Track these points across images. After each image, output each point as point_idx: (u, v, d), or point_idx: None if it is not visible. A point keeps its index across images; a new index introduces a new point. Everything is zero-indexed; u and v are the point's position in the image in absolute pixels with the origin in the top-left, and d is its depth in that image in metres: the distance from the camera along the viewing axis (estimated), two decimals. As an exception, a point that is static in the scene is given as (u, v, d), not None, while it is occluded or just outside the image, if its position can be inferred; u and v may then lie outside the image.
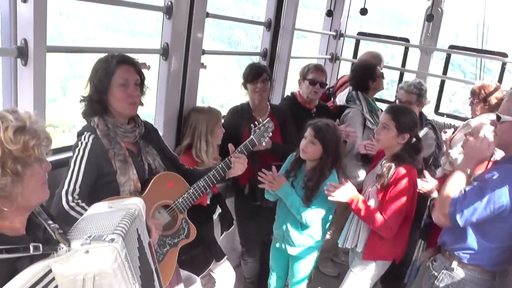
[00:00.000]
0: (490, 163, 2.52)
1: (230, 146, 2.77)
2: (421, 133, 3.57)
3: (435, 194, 3.11)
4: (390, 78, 4.32)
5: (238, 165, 2.66)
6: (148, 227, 1.77)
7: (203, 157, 3.12)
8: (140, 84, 2.42)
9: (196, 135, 3.17)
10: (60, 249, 1.38)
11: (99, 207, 1.68)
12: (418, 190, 3.03)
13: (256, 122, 2.82)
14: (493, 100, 3.84)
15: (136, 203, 1.65)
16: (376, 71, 4.24)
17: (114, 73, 2.29)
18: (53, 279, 1.28)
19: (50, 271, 1.28)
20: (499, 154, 2.58)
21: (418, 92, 3.86)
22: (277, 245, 3.32)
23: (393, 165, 2.92)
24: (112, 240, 1.36)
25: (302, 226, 3.15)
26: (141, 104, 2.46)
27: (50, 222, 1.55)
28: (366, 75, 4.16)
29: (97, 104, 2.32)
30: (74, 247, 1.38)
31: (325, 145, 3.03)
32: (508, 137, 2.35)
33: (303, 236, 3.17)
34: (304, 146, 3.07)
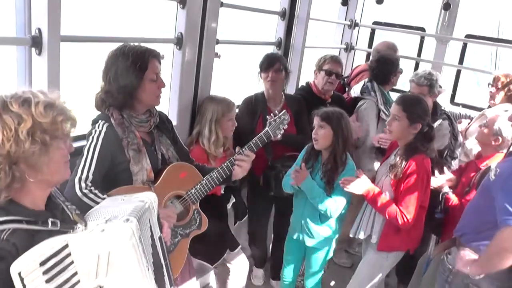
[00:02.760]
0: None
1: (237, 149, 2.68)
2: (435, 125, 3.51)
3: (446, 189, 3.11)
4: (405, 69, 4.25)
5: (238, 169, 2.58)
6: (161, 222, 1.78)
7: (205, 144, 3.11)
8: None
9: (203, 122, 3.17)
10: (77, 228, 1.44)
11: (113, 199, 1.73)
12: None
13: (272, 114, 2.75)
14: None
15: (148, 197, 1.67)
16: (399, 67, 4.20)
17: (147, 68, 2.29)
18: (69, 254, 1.33)
19: (66, 245, 1.33)
20: None
21: (429, 83, 3.77)
22: (295, 236, 3.29)
23: (406, 155, 2.91)
24: (127, 220, 1.41)
25: (321, 217, 3.14)
26: None
27: (68, 203, 1.62)
28: (390, 69, 4.09)
29: (128, 96, 2.30)
30: (91, 226, 1.44)
31: (333, 125, 3.02)
32: None
33: (322, 227, 3.16)
34: (314, 133, 3.08)
